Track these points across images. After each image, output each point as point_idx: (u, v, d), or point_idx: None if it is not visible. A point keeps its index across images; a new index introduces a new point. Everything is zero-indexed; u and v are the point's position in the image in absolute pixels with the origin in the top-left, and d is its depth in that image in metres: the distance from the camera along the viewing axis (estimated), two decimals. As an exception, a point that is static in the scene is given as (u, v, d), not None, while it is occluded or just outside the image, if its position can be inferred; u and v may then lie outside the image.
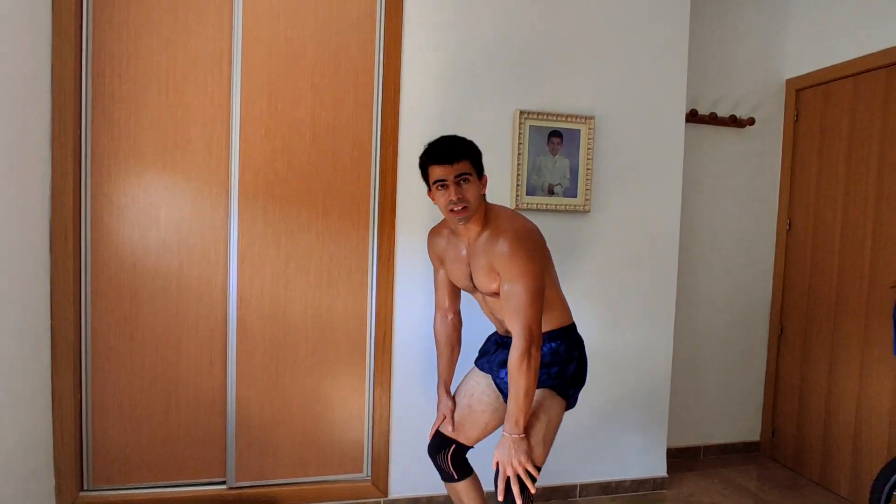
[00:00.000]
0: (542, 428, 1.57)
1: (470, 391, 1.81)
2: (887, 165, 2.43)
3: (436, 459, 1.83)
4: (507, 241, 1.50)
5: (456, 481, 1.82)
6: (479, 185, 1.58)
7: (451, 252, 1.71)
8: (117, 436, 2.12)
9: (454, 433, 1.80)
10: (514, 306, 1.49)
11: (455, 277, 1.74)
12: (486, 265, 1.56)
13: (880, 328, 2.44)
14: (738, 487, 2.66)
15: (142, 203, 2.08)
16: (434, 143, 1.59)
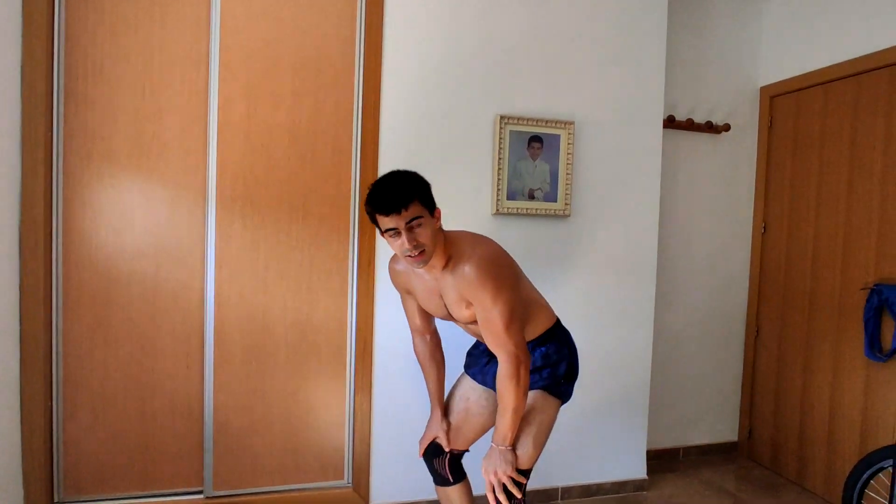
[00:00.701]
0: (534, 431, 1.58)
1: (466, 395, 1.80)
2: (857, 172, 2.50)
3: (432, 464, 1.82)
4: (473, 270, 1.45)
5: (451, 485, 1.81)
6: (434, 222, 1.49)
7: (419, 284, 1.65)
8: (90, 444, 2.07)
9: (452, 441, 1.79)
10: (493, 333, 1.47)
11: (430, 309, 1.69)
12: (457, 297, 1.53)
13: (852, 329, 2.50)
14: (718, 488, 2.69)
15: (116, 207, 2.04)
16: (377, 189, 1.46)
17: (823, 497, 2.61)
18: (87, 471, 2.08)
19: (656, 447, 2.94)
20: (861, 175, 2.48)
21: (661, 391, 2.92)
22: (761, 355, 3.00)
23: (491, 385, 1.73)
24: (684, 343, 2.99)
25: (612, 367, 2.54)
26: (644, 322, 2.58)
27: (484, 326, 1.49)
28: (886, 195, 2.37)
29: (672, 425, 2.99)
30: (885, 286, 2.31)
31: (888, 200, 2.36)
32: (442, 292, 1.58)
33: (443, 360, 1.86)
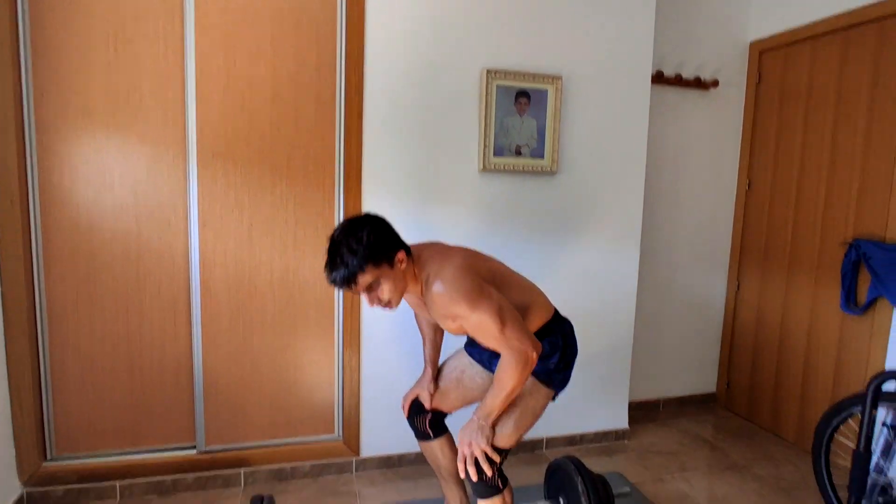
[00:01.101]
0: (517, 413, 1.58)
1: (462, 367, 1.82)
2: (841, 128, 2.51)
3: (412, 421, 1.85)
4: (444, 292, 1.44)
5: (431, 440, 1.85)
6: (395, 272, 1.47)
7: (410, 298, 1.68)
8: (80, 402, 2.08)
9: (436, 402, 1.82)
10: (492, 337, 1.45)
11: (426, 317, 1.76)
12: (442, 315, 1.51)
13: (829, 283, 2.56)
14: (695, 437, 2.80)
15: (94, 163, 1.99)
16: (327, 266, 1.45)
17: (795, 444, 2.73)
18: (79, 428, 2.10)
19: (638, 399, 3.04)
20: (845, 132, 2.49)
21: (644, 344, 3.00)
22: (741, 310, 3.08)
23: (487, 365, 1.75)
24: (667, 298, 3.05)
25: (598, 322, 2.59)
26: (629, 277, 2.62)
27: (478, 334, 1.47)
28: (869, 152, 2.39)
29: (653, 378, 3.08)
30: (864, 241, 2.36)
31: (870, 157, 2.39)
32: (429, 309, 1.56)
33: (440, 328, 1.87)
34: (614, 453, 2.60)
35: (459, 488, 1.92)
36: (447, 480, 1.91)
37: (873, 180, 2.37)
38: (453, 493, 1.92)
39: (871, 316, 2.38)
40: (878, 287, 2.30)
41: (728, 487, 2.33)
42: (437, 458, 1.87)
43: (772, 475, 2.44)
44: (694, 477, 2.41)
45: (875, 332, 2.37)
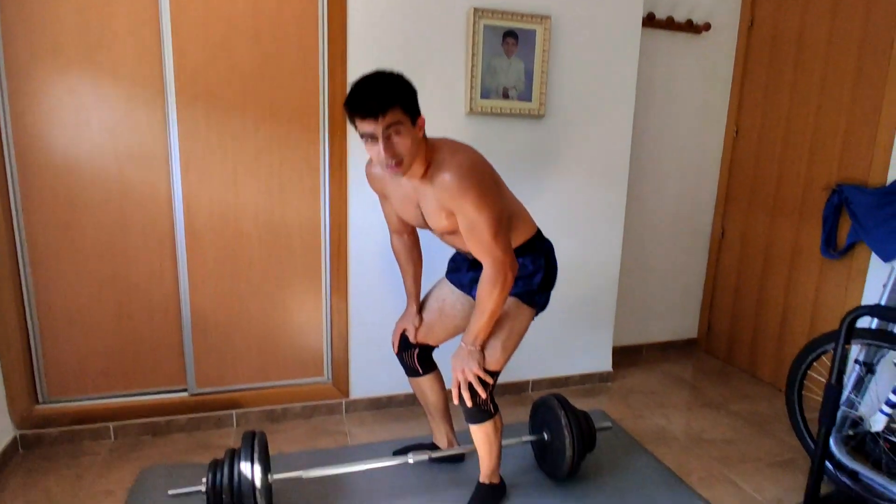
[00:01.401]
0: (504, 335, 1.60)
1: (442, 296, 1.83)
2: (830, 72, 2.49)
3: (402, 357, 1.88)
4: (454, 178, 1.40)
5: (420, 376, 1.89)
6: (415, 131, 1.41)
7: (396, 190, 1.60)
8: (69, 346, 2.09)
9: (422, 336, 1.84)
10: (479, 241, 1.45)
11: (406, 217, 1.65)
12: (436, 207, 1.48)
13: (810, 228, 2.60)
14: (676, 378, 2.89)
15: (69, 104, 1.93)
16: (357, 90, 1.37)
17: (771, 383, 2.84)
18: (69, 372, 2.12)
19: (621, 343, 3.11)
20: (834, 78, 2.48)
21: (629, 290, 3.05)
22: (724, 256, 3.13)
23: (467, 290, 1.77)
24: (652, 244, 3.08)
25: (583, 267, 2.62)
26: (615, 222, 2.63)
27: (469, 235, 1.46)
28: (857, 97, 2.38)
29: (637, 323, 3.15)
30: (846, 186, 2.38)
31: (857, 104, 2.38)
32: (420, 202, 1.54)
33: (420, 257, 1.88)
34: (598, 394, 2.69)
35: (447, 424, 1.98)
36: (435, 416, 1.97)
37: (859, 126, 2.38)
38: (441, 428, 1.98)
39: (850, 260, 2.43)
40: (857, 231, 2.34)
41: (704, 422, 2.43)
42: (426, 394, 1.92)
43: (746, 411, 2.54)
44: (672, 413, 2.50)
45: (852, 275, 2.42)
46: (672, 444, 2.24)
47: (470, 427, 1.67)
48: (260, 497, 1.54)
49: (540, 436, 1.97)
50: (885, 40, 2.26)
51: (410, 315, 1.86)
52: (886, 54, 2.26)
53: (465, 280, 1.77)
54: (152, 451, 2.07)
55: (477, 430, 1.66)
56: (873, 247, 2.27)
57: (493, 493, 1.80)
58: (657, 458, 2.11)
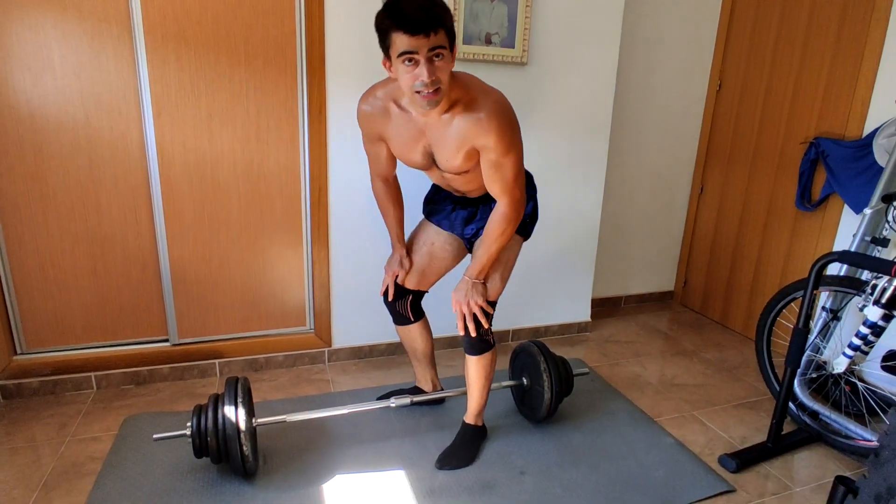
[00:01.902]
0: (501, 267, 1.66)
1: (430, 240, 1.82)
2: (814, 27, 2.48)
3: (394, 306, 1.89)
4: (493, 118, 1.38)
5: (411, 324, 1.92)
6: (452, 60, 1.34)
7: (397, 129, 1.51)
8: (45, 300, 2.06)
9: (414, 282, 1.84)
10: (503, 180, 1.47)
11: (407, 157, 1.57)
12: (457, 143, 1.43)
13: (786, 182, 2.64)
14: (651, 328, 2.98)
15: (30, 44, 1.83)
16: (401, 4, 1.23)
17: (741, 333, 2.94)
18: (47, 325, 2.09)
19: (600, 296, 3.18)
20: (817, 31, 2.46)
21: (609, 242, 3.09)
22: (703, 211, 3.17)
23: (458, 230, 1.76)
24: (633, 197, 3.11)
25: (564, 218, 2.64)
26: (596, 174, 2.64)
27: (493, 174, 1.46)
28: (839, 50, 2.38)
29: (616, 275, 3.21)
30: (823, 139, 2.41)
31: (839, 57, 2.38)
32: (433, 138, 1.47)
33: (401, 199, 1.85)
34: (576, 343, 2.76)
35: (433, 369, 2.03)
36: (422, 362, 2.00)
37: (839, 78, 2.38)
38: (427, 374, 2.03)
39: (822, 213, 2.49)
40: (831, 184, 2.39)
41: (677, 369, 2.52)
42: (416, 340, 1.95)
43: (717, 358, 2.64)
44: (647, 361, 2.59)
45: (824, 227, 2.48)
46: (646, 388, 2.33)
47: (468, 360, 1.73)
48: (245, 440, 1.57)
49: (519, 381, 2.03)
50: (869, -10, 2.25)
51: (398, 258, 1.84)
52: (868, 9, 2.25)
53: (457, 220, 1.75)
54: (136, 401, 2.09)
55: (476, 362, 1.72)
56: (846, 198, 2.32)
57: (477, 434, 1.86)
58: (631, 402, 2.19)
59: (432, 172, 1.64)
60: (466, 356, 1.74)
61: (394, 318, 1.93)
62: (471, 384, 1.78)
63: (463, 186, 1.63)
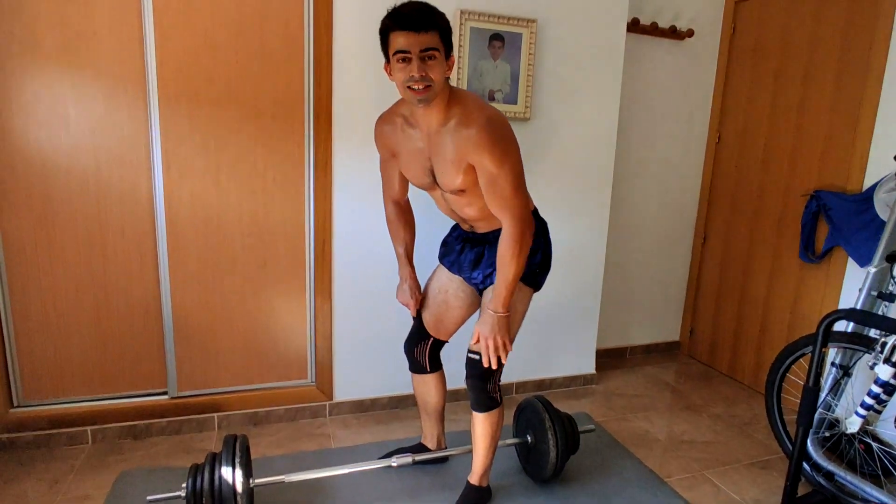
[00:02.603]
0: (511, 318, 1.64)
1: (444, 287, 1.81)
2: (811, 80, 2.54)
3: (413, 352, 1.87)
4: (484, 131, 1.40)
5: (427, 373, 1.89)
6: (445, 67, 1.41)
7: (406, 145, 1.58)
8: (45, 349, 2.05)
9: (433, 330, 1.83)
10: (500, 196, 1.46)
11: (412, 174, 1.62)
12: (454, 158, 1.46)
13: (790, 233, 2.65)
14: (658, 381, 2.92)
15: (46, 100, 1.89)
16: (400, 6, 1.38)
17: (750, 386, 2.88)
18: (46, 375, 2.07)
19: (605, 346, 3.14)
20: (814, 86, 2.53)
21: (613, 293, 3.07)
22: (707, 260, 3.17)
23: (466, 274, 1.75)
24: (636, 247, 3.11)
25: (567, 270, 2.64)
26: (599, 225, 2.65)
27: (489, 190, 1.46)
28: (836, 106, 2.43)
29: (621, 325, 3.18)
30: (824, 192, 2.43)
31: (837, 111, 2.43)
32: (434, 153, 1.51)
33: (413, 223, 1.85)
34: (581, 396, 2.70)
35: (440, 425, 2.00)
36: (431, 417, 1.96)
37: (838, 132, 2.42)
38: (434, 430, 1.99)
39: (827, 265, 2.48)
40: (835, 236, 2.39)
41: (685, 424, 2.46)
42: (429, 393, 1.92)
43: (727, 413, 2.58)
44: (654, 416, 2.53)
45: (830, 280, 2.47)
46: (654, 446, 2.26)
47: (475, 418, 1.70)
48: (242, 502, 1.52)
49: (524, 438, 1.98)
50: (863, 49, 2.31)
51: (407, 285, 1.83)
52: (865, 63, 2.31)
53: (465, 262, 1.74)
54: (131, 456, 2.04)
55: (482, 420, 1.68)
56: (850, 252, 2.32)
57: (481, 495, 1.80)
58: (640, 461, 2.13)
59: (436, 193, 1.65)
60: (473, 413, 1.71)
61: (411, 364, 1.90)
62: (476, 443, 1.74)
63: (464, 210, 1.62)
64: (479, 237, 1.73)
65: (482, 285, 1.72)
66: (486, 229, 1.69)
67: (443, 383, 1.93)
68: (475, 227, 1.71)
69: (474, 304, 1.83)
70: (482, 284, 1.72)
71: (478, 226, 1.69)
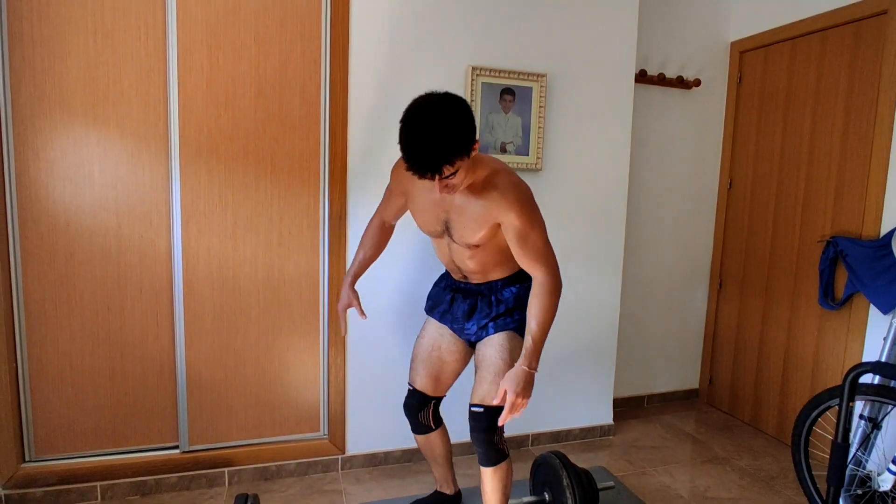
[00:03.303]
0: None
1: (436, 344, 1.81)
2: (819, 127, 2.56)
3: (416, 417, 1.86)
4: (513, 193, 1.49)
5: (432, 432, 1.88)
6: (469, 161, 1.42)
7: (423, 194, 1.61)
8: (59, 403, 2.04)
9: (432, 389, 1.82)
10: (533, 250, 1.53)
11: (424, 221, 1.65)
12: (479, 217, 1.52)
13: (807, 279, 2.61)
14: (678, 431, 2.84)
15: (72, 158, 1.95)
16: (409, 147, 1.35)
17: (775, 437, 2.78)
18: (59, 429, 2.06)
19: (622, 395, 3.07)
20: (823, 131, 2.54)
21: (629, 340, 3.03)
22: (723, 306, 3.12)
23: (458, 325, 1.75)
24: (651, 294, 3.08)
25: (582, 317, 2.61)
26: (613, 274, 2.64)
27: (521, 245, 1.52)
28: (846, 151, 2.44)
29: (638, 374, 3.11)
30: (841, 238, 2.41)
31: (847, 157, 2.44)
32: (453, 209, 1.55)
33: (383, 247, 1.90)
34: (599, 448, 2.63)
35: (451, 469, 2.00)
36: (442, 465, 1.97)
37: (850, 178, 2.42)
38: (447, 474, 1.99)
39: (848, 311, 2.43)
40: (854, 283, 2.35)
41: (709, 479, 2.37)
42: (437, 447, 1.91)
43: (752, 466, 2.49)
44: (676, 469, 2.44)
45: (852, 326, 2.42)
46: (676, 502, 2.18)
47: (483, 473, 1.66)
48: (252, 567, 1.47)
49: (541, 496, 1.92)
50: (869, 96, 2.34)
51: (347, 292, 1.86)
52: (871, 110, 2.33)
53: (458, 312, 1.74)
54: (140, 514, 2.00)
55: (492, 474, 1.65)
56: (872, 299, 2.28)
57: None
58: (663, 520, 2.04)
59: (441, 241, 1.68)
60: (481, 469, 1.67)
61: (414, 427, 1.89)
62: (487, 500, 1.69)
63: (466, 262, 1.65)
64: (471, 288, 1.74)
65: (475, 337, 1.74)
66: (480, 280, 1.71)
67: (447, 433, 1.93)
68: (469, 278, 1.72)
69: (467, 356, 1.83)
70: (475, 336, 1.73)
71: (473, 277, 1.71)
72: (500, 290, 1.70)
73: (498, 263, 1.67)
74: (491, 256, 1.64)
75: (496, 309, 1.69)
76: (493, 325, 1.69)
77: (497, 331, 1.68)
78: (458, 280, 1.77)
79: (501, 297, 1.70)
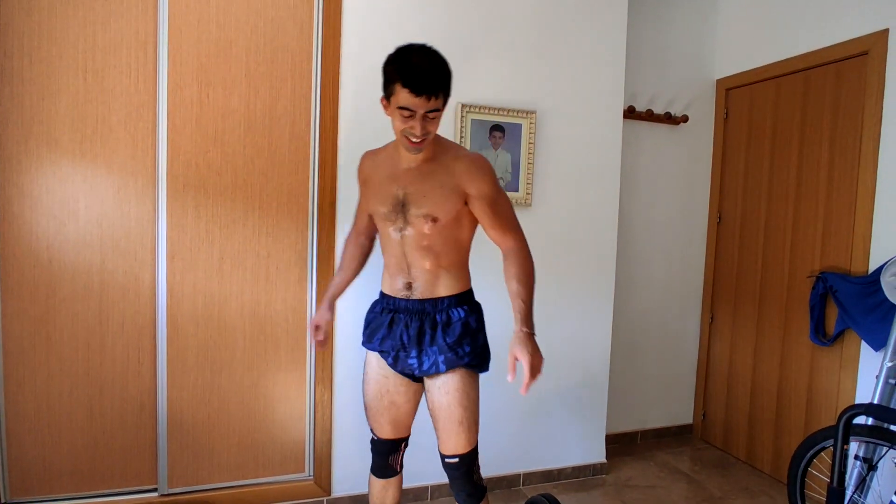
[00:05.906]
0: (469, 414, 1.58)
1: (383, 388, 1.69)
2: (805, 163, 2.59)
3: (387, 461, 1.76)
4: (478, 163, 1.52)
5: (396, 475, 1.79)
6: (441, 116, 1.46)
7: (382, 171, 1.58)
8: (35, 444, 1.98)
9: (397, 433, 1.74)
10: (504, 217, 1.55)
11: (380, 198, 1.56)
12: (446, 183, 1.49)
13: (798, 314, 2.61)
14: (673, 469, 2.78)
15: (58, 195, 1.93)
16: (411, 63, 1.35)
17: (771, 475, 2.73)
18: (35, 471, 1.99)
19: (615, 431, 3.01)
20: (809, 167, 2.57)
21: (620, 376, 2.99)
22: (715, 341, 3.10)
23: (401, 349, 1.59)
24: (642, 330, 3.06)
25: (573, 353, 2.58)
26: (604, 309, 2.62)
27: (492, 212, 1.53)
28: (832, 187, 2.47)
29: (630, 410, 3.07)
30: (830, 274, 2.41)
31: (833, 193, 2.46)
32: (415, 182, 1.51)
33: (363, 266, 1.82)
34: (592, 488, 2.57)
35: None
36: None
37: (837, 214, 2.44)
38: None
39: (840, 347, 2.42)
40: (845, 319, 2.35)
41: (705, 523, 2.31)
42: (392, 494, 1.79)
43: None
44: (671, 512, 2.38)
45: (844, 362, 2.40)
46: (672, 547, 2.12)
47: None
48: None
49: (532, 542, 1.85)
50: (853, 134, 2.37)
51: (323, 312, 1.77)
52: (855, 147, 2.36)
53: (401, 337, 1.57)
54: (115, 562, 1.92)
55: None
56: (862, 335, 2.27)
57: None
58: (657, 566, 1.98)
59: (391, 231, 1.55)
60: None
61: (380, 472, 1.76)
62: None
63: (416, 254, 1.54)
64: (413, 307, 1.57)
65: (418, 372, 1.58)
66: (425, 293, 1.56)
67: (400, 482, 1.82)
68: (413, 286, 1.57)
69: (417, 392, 1.69)
70: (418, 371, 1.57)
71: (418, 282, 1.56)
72: (445, 311, 1.57)
73: (449, 264, 1.57)
74: (444, 248, 1.55)
75: (441, 335, 1.54)
76: (445, 362, 1.54)
77: (449, 367, 1.55)
78: (398, 298, 1.60)
79: (447, 319, 1.56)
